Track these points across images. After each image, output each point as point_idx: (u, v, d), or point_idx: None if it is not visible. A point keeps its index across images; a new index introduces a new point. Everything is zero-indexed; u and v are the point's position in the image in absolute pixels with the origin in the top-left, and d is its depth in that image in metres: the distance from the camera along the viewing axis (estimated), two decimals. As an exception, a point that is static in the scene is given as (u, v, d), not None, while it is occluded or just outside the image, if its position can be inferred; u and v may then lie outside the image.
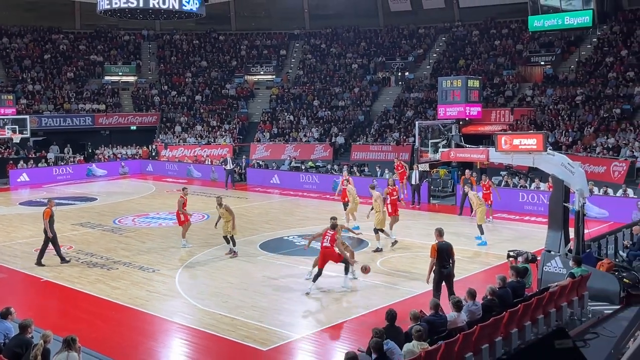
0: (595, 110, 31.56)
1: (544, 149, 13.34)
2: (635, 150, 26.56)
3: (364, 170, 32.02)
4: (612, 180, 24.99)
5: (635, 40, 35.61)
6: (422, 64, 44.38)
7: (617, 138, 28.32)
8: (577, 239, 13.31)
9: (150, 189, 30.98)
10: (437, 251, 12.01)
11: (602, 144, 28.26)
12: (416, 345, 8.17)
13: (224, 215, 16.85)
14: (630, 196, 21.96)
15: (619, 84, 32.80)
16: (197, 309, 12.73)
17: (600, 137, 29.02)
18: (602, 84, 33.54)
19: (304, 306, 12.94)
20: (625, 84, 32.62)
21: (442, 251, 12.06)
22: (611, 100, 31.72)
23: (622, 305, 12.16)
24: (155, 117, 42.97)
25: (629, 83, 32.61)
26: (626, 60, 34.52)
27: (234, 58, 48.98)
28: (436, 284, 12.18)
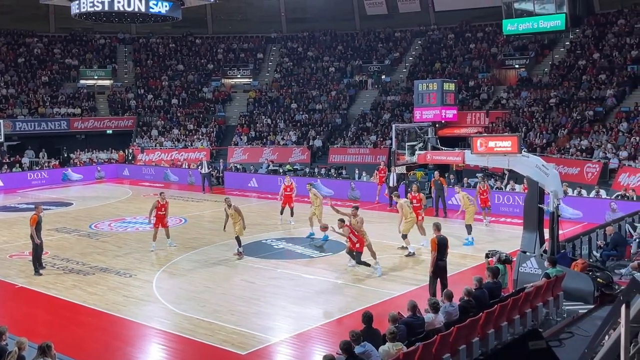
0: (568, 112, 31.98)
1: (518, 151, 13.48)
2: (607, 151, 26.96)
3: (341, 173, 32.09)
4: (585, 182, 25.33)
5: (607, 43, 36.18)
6: (398, 67, 44.62)
7: (590, 140, 28.72)
8: (551, 239, 13.45)
9: (127, 193, 30.72)
10: (437, 244, 12.28)
11: (575, 145, 28.64)
12: (391, 346, 8.20)
13: (233, 216, 16.76)
14: (604, 197, 22.29)
15: (591, 87, 33.28)
16: (174, 314, 12.64)
17: (574, 139, 29.41)
18: (575, 86, 34.01)
19: (282, 310, 12.91)
20: (597, 87, 33.11)
21: (441, 245, 12.56)
22: (584, 102, 32.17)
23: (596, 305, 12.33)
24: (132, 121, 42.63)
25: (601, 86, 33.11)
26: (598, 63, 35.05)
27: (210, 61, 48.78)
28: (433, 276, 12.62)
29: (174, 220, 22.95)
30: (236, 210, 16.76)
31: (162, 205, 17.98)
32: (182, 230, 21.19)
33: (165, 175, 35.20)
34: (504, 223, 21.70)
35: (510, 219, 21.80)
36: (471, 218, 18.62)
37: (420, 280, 14.33)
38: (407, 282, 14.60)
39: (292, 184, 21.80)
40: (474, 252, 17.09)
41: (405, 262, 16.49)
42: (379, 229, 20.55)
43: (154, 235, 17.80)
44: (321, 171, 32.43)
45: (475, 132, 32.09)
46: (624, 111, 30.25)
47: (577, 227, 19.68)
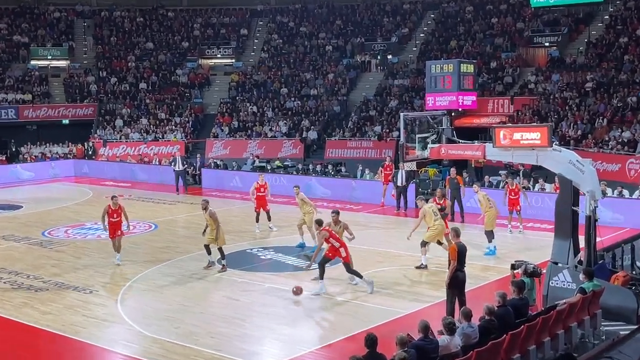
0: (607, 98, 32.05)
1: (548, 144, 13.49)
2: (653, 145, 27.05)
3: (340, 170, 32.10)
4: (627, 180, 25.39)
5: (653, 17, 36.29)
6: (407, 45, 44.65)
7: (633, 131, 28.80)
8: (588, 248, 13.46)
9: (87, 194, 30.66)
10: (457, 252, 12.36)
11: (615, 137, 28.71)
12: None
13: (209, 222, 16.75)
14: (649, 198, 22.33)
15: (634, 69, 33.36)
16: (143, 337, 12.62)
17: (614, 130, 29.49)
18: (615, 68, 34.08)
19: (271, 332, 12.91)
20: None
21: (462, 253, 12.62)
22: (626, 87, 32.25)
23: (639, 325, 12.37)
24: (92, 109, 42.54)
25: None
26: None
27: (185, 39, 48.72)
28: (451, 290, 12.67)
29: (142, 226, 22.95)
30: (211, 216, 16.73)
31: (113, 211, 17.68)
32: (152, 237, 21.17)
33: (131, 172, 35.14)
34: (531, 229, 21.73)
35: (539, 224, 21.84)
36: (492, 223, 18.64)
37: (434, 297, 14.35)
38: (417, 298, 14.62)
39: (265, 183, 21.86)
40: (497, 262, 17.13)
41: (415, 275, 16.52)
42: (384, 237, 20.59)
43: (116, 246, 17.60)
44: (316, 168, 32.43)
45: (497, 122, 32.13)
46: (673, 97, 30.37)
47: (617, 233, 19.72)
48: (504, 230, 20.65)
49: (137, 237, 21.35)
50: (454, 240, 12.86)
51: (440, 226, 16.77)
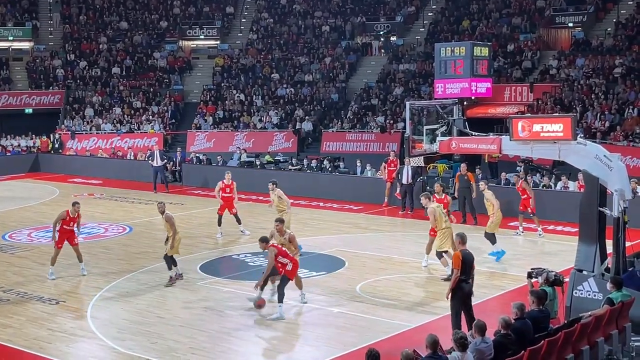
0: (638, 86, 32.12)
1: (572, 136, 13.52)
2: (690, 138, 27.13)
3: (338, 165, 32.12)
4: (660, 178, 25.44)
5: (690, -5, 36.35)
6: (413, 25, 44.66)
7: (666, 122, 28.90)
8: (616, 254, 13.50)
9: (53, 192, 30.63)
10: (461, 261, 12.29)
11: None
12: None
13: (165, 227, 16.68)
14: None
15: (669, 52, 33.47)
16: (116, 353, 12.60)
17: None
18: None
19: (259, 347, 12.91)
20: (677, 52, 33.30)
21: (467, 262, 12.51)
22: (659, 73, 32.34)
23: (674, 340, 12.40)
24: (59, 97, 42.48)
25: (681, 51, 33.29)
26: (678, 21, 35.22)
27: (164, 17, 48.64)
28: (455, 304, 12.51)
29: (115, 228, 22.94)
30: (167, 221, 16.67)
31: (71, 219, 17.50)
32: (126, 241, 21.15)
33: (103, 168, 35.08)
34: (552, 232, 21.78)
35: (562, 227, 21.89)
36: (495, 226, 18.60)
37: (444, 309, 14.33)
38: (425, 310, 14.65)
39: (232, 182, 21.78)
40: (515, 270, 17.15)
41: (423, 284, 16.53)
42: (388, 241, 20.61)
43: (54, 257, 17.32)
44: (311, 164, 32.44)
45: (515, 112, 32.18)
46: None
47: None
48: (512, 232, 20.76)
49: (110, 241, 21.34)
50: (459, 248, 12.80)
51: (450, 229, 16.69)
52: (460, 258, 12.46)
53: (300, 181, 29.16)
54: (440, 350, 9.57)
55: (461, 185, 22.76)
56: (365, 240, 20.83)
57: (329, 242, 20.45)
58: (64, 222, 17.20)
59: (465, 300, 12.61)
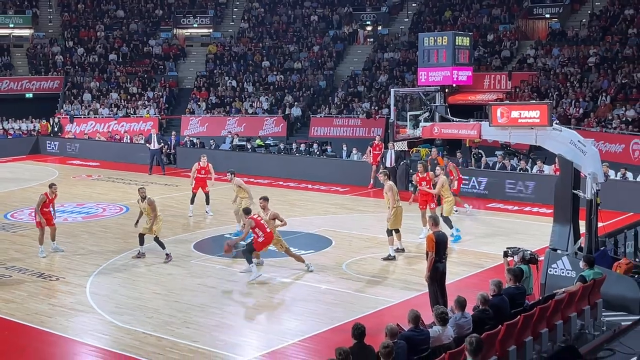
0: (611, 75, 32.20)
1: (548, 123, 13.56)
2: (659, 124, 27.24)
3: (326, 150, 32.10)
4: (631, 162, 25.58)
5: (661, -12, 36.39)
6: (398, 16, 44.56)
7: (638, 109, 28.98)
8: (589, 234, 13.59)
9: (52, 174, 30.50)
10: (435, 242, 12.28)
11: (619, 116, 28.89)
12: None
13: (147, 211, 16.69)
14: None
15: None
16: (114, 327, 12.63)
17: (618, 109, 29.67)
18: (620, 42, 34.22)
19: (251, 322, 12.95)
20: (648, 43, 33.36)
21: (440, 243, 12.50)
22: (631, 62, 32.41)
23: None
24: (58, 82, 42.23)
25: (652, 41, 33.36)
26: (649, 13, 35.27)
27: (159, 6, 48.34)
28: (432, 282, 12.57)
29: (112, 208, 22.91)
30: (150, 205, 16.67)
31: (50, 201, 17.56)
32: (123, 221, 21.11)
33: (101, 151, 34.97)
34: (528, 213, 21.89)
35: (537, 209, 22.00)
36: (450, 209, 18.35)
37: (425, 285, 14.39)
38: (408, 287, 14.71)
39: (208, 165, 21.78)
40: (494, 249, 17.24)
41: (405, 261, 16.60)
42: (372, 221, 20.64)
43: (40, 237, 17.35)
44: (300, 147, 32.42)
45: (494, 99, 32.22)
46: (681, 74, 30.56)
47: (620, 218, 19.90)
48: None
49: (107, 220, 21.32)
50: (433, 229, 12.74)
51: (400, 209, 16.70)
52: (434, 240, 12.43)
53: (290, 164, 29.16)
54: (422, 325, 9.63)
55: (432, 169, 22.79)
56: (351, 221, 20.88)
57: (316, 222, 20.49)
58: (44, 205, 17.21)
59: (440, 279, 12.64)
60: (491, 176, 24.41)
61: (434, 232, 12.61)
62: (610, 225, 17.07)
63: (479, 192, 24.17)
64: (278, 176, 27.84)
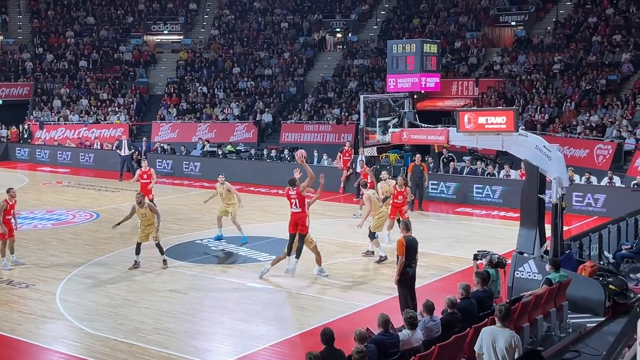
0: (575, 81, 32.57)
1: (514, 128, 13.68)
2: (622, 130, 27.57)
3: (297, 155, 32.06)
4: (595, 166, 25.88)
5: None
6: (367, 23, 44.70)
7: (601, 115, 29.33)
8: (554, 237, 13.72)
9: (22, 180, 30.18)
10: (405, 247, 12.28)
11: (584, 122, 29.22)
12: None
13: (147, 216, 16.40)
14: (617, 185, 22.79)
15: (603, 50, 33.94)
16: (84, 334, 12.50)
17: (582, 114, 30.00)
18: (584, 49, 34.63)
19: (222, 327, 12.89)
20: (611, 50, 33.79)
21: (410, 248, 12.48)
22: (594, 69, 32.81)
23: (607, 317, 12.65)
24: (28, 89, 41.81)
25: (615, 48, 33.80)
26: (612, 21, 35.75)
27: (129, 13, 48.04)
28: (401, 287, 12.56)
29: (82, 215, 22.70)
30: (152, 210, 16.47)
31: (11, 207, 16.56)
32: (93, 227, 20.94)
33: (71, 157, 34.69)
34: (495, 217, 22.06)
35: (505, 213, 22.17)
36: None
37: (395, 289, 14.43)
38: (378, 291, 14.73)
39: (149, 169, 21.57)
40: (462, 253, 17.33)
41: (376, 266, 16.63)
42: (342, 226, 20.68)
43: (2, 249, 16.52)
44: (271, 153, 32.37)
45: (462, 105, 32.43)
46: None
47: (585, 222, 20.13)
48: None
49: (78, 227, 21.11)
50: (403, 234, 12.72)
51: (385, 213, 16.93)
52: (404, 245, 12.44)
53: (261, 170, 29.12)
54: (392, 329, 9.65)
55: (415, 174, 22.89)
56: (322, 225, 20.85)
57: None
58: (5, 213, 16.39)
59: (410, 283, 12.65)
60: (459, 181, 24.58)
61: (405, 237, 12.61)
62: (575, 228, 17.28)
63: (448, 196, 24.33)
64: (249, 182, 27.79)
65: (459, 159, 26.74)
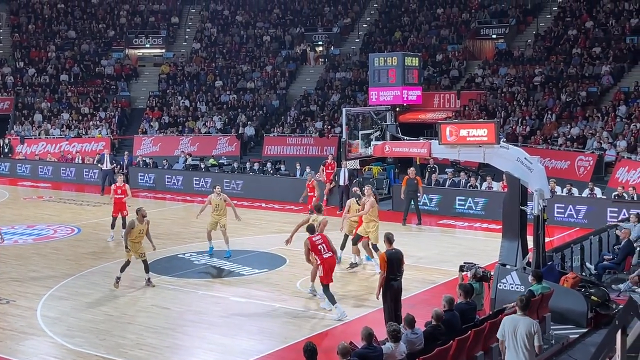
0: (556, 93, 32.81)
1: (496, 141, 13.75)
2: (603, 141, 27.79)
3: (279, 168, 32.09)
4: (577, 178, 26.05)
5: (602, 9, 37.28)
6: (349, 36, 44.84)
7: (582, 127, 29.56)
8: (536, 249, 13.78)
9: (2, 195, 30.00)
10: (386, 262, 12.25)
11: (564, 134, 29.42)
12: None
13: (145, 231, 16.26)
14: (598, 196, 22.94)
15: (583, 62, 34.25)
16: (66, 350, 12.42)
17: (563, 126, 30.21)
18: (564, 61, 34.92)
19: (204, 342, 12.82)
20: (591, 62, 34.09)
21: (392, 261, 12.40)
22: (575, 81, 33.08)
23: (589, 328, 12.70)
24: (8, 103, 41.61)
25: (595, 61, 34.10)
26: (592, 33, 36.08)
27: (111, 27, 47.94)
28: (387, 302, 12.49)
29: (64, 229, 22.57)
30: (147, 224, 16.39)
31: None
32: (75, 242, 20.81)
33: (52, 171, 34.50)
34: (478, 229, 22.13)
35: (487, 225, 22.25)
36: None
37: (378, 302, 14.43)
38: (361, 304, 14.72)
39: (124, 184, 21.32)
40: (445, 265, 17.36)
41: (360, 279, 16.63)
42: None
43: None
44: (254, 166, 32.33)
45: (444, 117, 32.57)
46: (623, 92, 31.26)
47: (567, 233, 20.24)
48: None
49: (59, 242, 20.97)
50: (387, 247, 12.61)
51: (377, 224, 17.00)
52: (386, 259, 12.38)
53: (244, 183, 29.10)
54: (375, 342, 9.64)
55: (409, 188, 22.87)
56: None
57: (270, 241, 20.40)
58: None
59: (395, 296, 12.60)
60: (442, 193, 24.66)
61: (386, 251, 12.56)
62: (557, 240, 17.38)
63: (430, 208, 24.38)
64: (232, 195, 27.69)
65: (441, 171, 26.80)
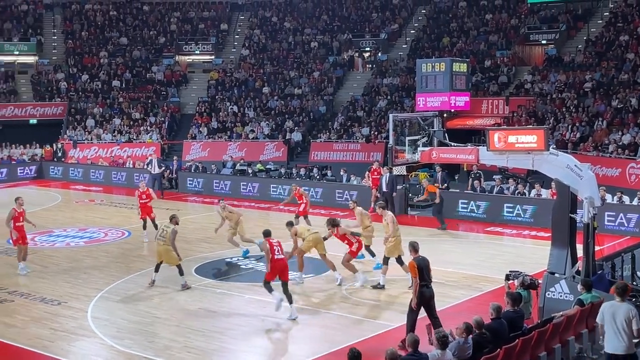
0: (607, 99, 32.29)
1: (545, 147, 13.59)
2: (655, 148, 27.27)
3: (326, 174, 32.11)
4: (628, 186, 25.58)
5: (655, 14, 36.57)
6: (397, 42, 44.74)
7: (633, 134, 29.03)
8: (586, 257, 13.57)
9: (55, 198, 30.52)
10: (416, 268, 12.21)
11: (616, 141, 28.93)
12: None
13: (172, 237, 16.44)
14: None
15: (635, 68, 33.64)
16: (115, 351, 12.58)
17: (614, 133, 29.70)
18: (615, 67, 34.34)
19: (251, 346, 12.88)
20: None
21: (421, 268, 12.36)
22: (627, 87, 32.50)
23: (639, 339, 12.45)
24: (62, 108, 42.32)
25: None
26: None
27: (161, 34, 48.57)
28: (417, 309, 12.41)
29: (114, 233, 22.89)
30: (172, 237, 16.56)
31: (20, 214, 17.70)
32: (125, 245, 21.09)
33: (104, 175, 35.03)
34: (526, 237, 21.86)
35: (536, 232, 21.96)
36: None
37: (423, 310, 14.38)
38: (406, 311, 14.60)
39: (147, 189, 21.79)
40: (492, 273, 17.18)
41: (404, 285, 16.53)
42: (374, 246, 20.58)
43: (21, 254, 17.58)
44: (300, 172, 32.43)
45: (492, 123, 32.27)
46: (676, 98, 30.63)
47: (617, 242, 19.87)
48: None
49: (109, 245, 21.28)
50: (413, 256, 12.62)
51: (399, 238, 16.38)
52: (416, 266, 12.34)
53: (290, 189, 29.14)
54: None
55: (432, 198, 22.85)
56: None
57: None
58: (15, 220, 17.56)
59: (428, 302, 12.48)
60: (490, 200, 24.40)
61: (414, 258, 12.51)
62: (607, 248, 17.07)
63: (478, 215, 24.14)
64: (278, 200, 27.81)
65: (489, 177, 26.54)
